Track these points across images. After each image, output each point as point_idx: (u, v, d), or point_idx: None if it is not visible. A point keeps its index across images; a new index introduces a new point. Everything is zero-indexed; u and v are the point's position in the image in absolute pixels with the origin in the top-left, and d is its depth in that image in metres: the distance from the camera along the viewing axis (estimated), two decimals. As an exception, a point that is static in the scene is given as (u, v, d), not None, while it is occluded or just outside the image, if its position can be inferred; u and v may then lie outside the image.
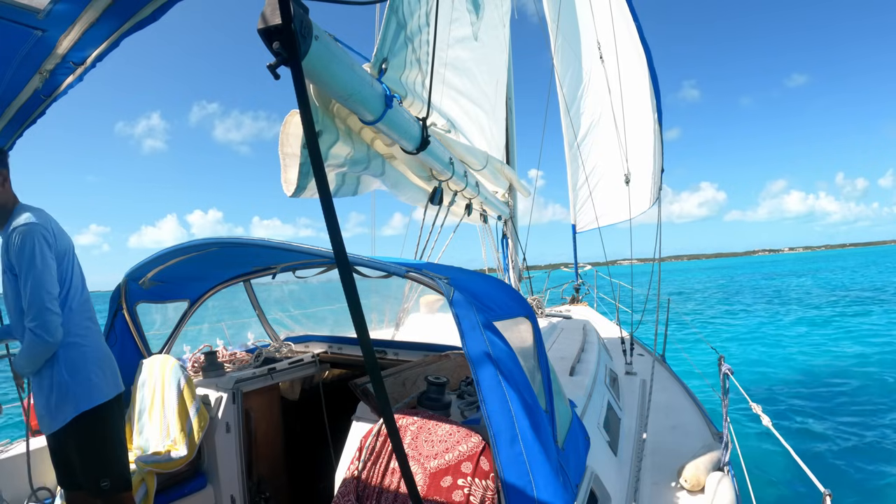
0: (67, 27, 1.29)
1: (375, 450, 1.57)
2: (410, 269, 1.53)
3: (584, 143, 8.78)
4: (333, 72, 1.69)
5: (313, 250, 1.82)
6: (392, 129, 2.26)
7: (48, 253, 1.78)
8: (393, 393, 2.00)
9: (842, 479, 5.34)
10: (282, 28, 0.90)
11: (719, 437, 2.67)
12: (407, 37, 2.35)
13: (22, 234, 1.74)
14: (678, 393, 3.91)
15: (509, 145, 6.08)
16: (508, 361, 1.28)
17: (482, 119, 4.30)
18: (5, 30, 1.25)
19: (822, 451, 6.08)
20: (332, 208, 0.73)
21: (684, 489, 2.31)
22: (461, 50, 3.60)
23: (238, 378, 2.66)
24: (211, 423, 2.47)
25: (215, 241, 2.12)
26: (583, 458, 1.81)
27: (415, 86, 2.58)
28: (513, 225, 6.42)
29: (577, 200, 9.46)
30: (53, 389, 1.81)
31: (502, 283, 1.89)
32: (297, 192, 2.07)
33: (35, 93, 1.60)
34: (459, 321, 1.29)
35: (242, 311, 3.91)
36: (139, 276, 2.63)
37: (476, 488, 1.38)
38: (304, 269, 2.85)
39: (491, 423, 1.21)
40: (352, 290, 0.74)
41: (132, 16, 1.25)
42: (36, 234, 1.76)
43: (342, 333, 3.52)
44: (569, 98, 8.42)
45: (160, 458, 2.28)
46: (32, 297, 1.72)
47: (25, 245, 1.73)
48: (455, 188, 3.70)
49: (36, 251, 1.74)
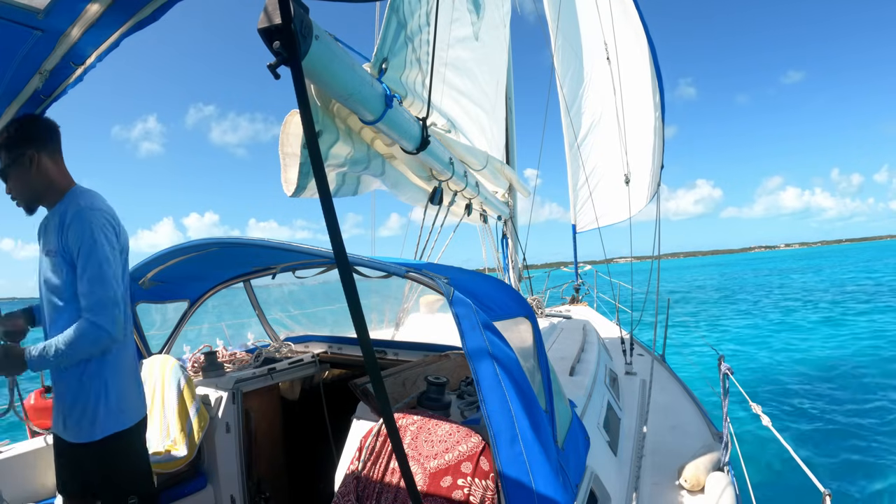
0: (67, 27, 1.29)
1: (375, 450, 1.57)
2: (410, 269, 1.53)
3: (585, 143, 8.78)
4: (333, 72, 1.69)
5: (313, 250, 1.82)
6: (392, 128, 2.26)
7: (115, 242, 1.65)
8: (393, 393, 2.00)
9: (842, 480, 5.34)
10: (282, 27, 0.90)
11: (719, 437, 2.67)
12: (407, 36, 2.35)
13: (89, 217, 1.58)
14: (678, 393, 3.91)
15: (509, 145, 6.08)
16: (508, 361, 1.28)
17: (482, 119, 4.30)
18: (5, 30, 1.25)
19: (822, 452, 6.08)
20: (332, 208, 0.73)
21: (684, 489, 2.31)
22: (462, 50, 3.60)
23: (238, 378, 2.66)
24: (211, 423, 2.46)
25: (215, 242, 2.12)
26: (583, 458, 1.81)
27: (415, 86, 2.58)
28: (513, 225, 6.43)
29: (577, 200, 9.46)
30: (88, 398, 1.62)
31: (502, 283, 1.89)
32: (297, 192, 2.07)
33: (35, 93, 1.60)
34: (459, 321, 1.29)
35: (242, 311, 3.91)
36: (139, 277, 2.63)
37: (476, 488, 1.38)
38: (303, 269, 2.85)
39: (491, 423, 1.20)
40: (352, 290, 0.74)
41: (132, 16, 1.25)
42: (104, 221, 1.62)
43: (342, 333, 3.52)
44: (569, 98, 8.42)
45: (160, 458, 2.28)
46: (99, 286, 1.56)
47: (94, 229, 1.58)
48: (455, 188, 3.70)
49: (104, 238, 1.59)
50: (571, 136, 8.69)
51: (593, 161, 8.86)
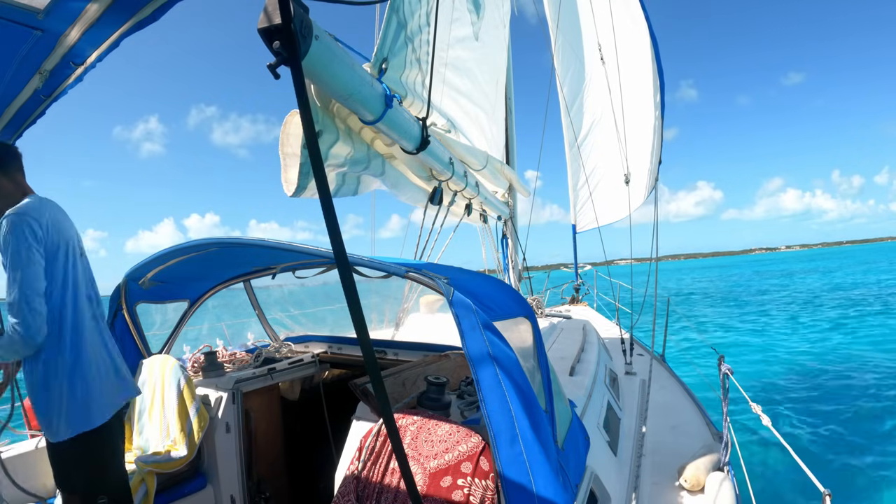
0: (67, 27, 1.29)
1: (375, 450, 1.57)
2: (410, 270, 1.53)
3: (585, 143, 8.78)
4: (333, 72, 1.69)
5: (313, 250, 1.82)
6: (392, 128, 2.26)
7: (32, 241, 1.63)
8: (393, 393, 2.00)
9: (842, 479, 5.34)
10: (282, 27, 0.90)
11: (719, 437, 2.67)
12: (407, 36, 2.35)
13: (6, 223, 1.61)
14: (678, 393, 3.91)
15: (509, 145, 6.09)
16: (508, 361, 1.28)
17: (482, 119, 4.30)
18: (5, 30, 1.25)
19: (822, 451, 6.08)
20: (332, 208, 0.73)
21: (684, 489, 2.31)
22: (462, 50, 3.60)
23: (238, 378, 2.66)
24: (211, 424, 2.46)
25: (215, 241, 2.12)
26: (583, 458, 1.81)
27: (415, 86, 2.58)
28: (512, 225, 6.43)
29: (577, 200, 9.46)
30: (49, 402, 1.68)
31: (502, 283, 1.89)
32: (297, 192, 2.07)
33: (35, 93, 1.60)
34: (459, 321, 1.29)
35: (242, 311, 3.91)
36: (139, 277, 2.63)
37: (476, 488, 1.38)
38: (303, 269, 2.85)
39: (491, 423, 1.21)
40: (352, 290, 0.74)
41: (132, 16, 1.25)
42: (21, 222, 1.62)
43: (342, 333, 3.52)
44: (569, 97, 8.42)
45: (160, 458, 2.28)
46: (10, 288, 1.59)
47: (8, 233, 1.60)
48: (455, 188, 3.70)
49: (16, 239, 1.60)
50: (571, 136, 8.69)
51: (593, 161, 8.86)
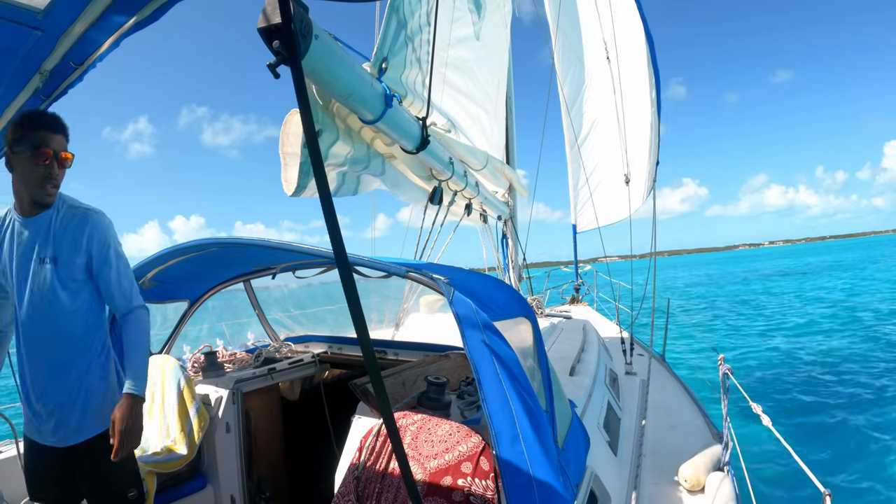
0: (67, 27, 1.29)
1: (375, 450, 1.57)
2: (410, 270, 1.53)
3: (585, 144, 8.78)
4: (333, 71, 1.69)
5: (313, 250, 1.82)
6: (392, 128, 2.26)
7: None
8: (393, 393, 2.00)
9: (842, 480, 5.34)
10: (282, 27, 0.90)
11: (719, 437, 2.67)
12: (407, 36, 2.35)
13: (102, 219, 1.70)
14: (678, 393, 3.91)
15: (509, 145, 6.09)
16: (508, 361, 1.28)
17: (483, 119, 4.30)
18: (5, 30, 1.25)
19: (822, 452, 6.07)
20: (332, 208, 0.73)
21: (684, 489, 2.31)
22: (462, 49, 3.60)
23: (238, 378, 2.66)
24: (211, 424, 2.46)
25: (215, 241, 2.12)
26: (583, 458, 1.81)
27: (415, 85, 2.57)
28: (512, 225, 6.43)
29: (577, 200, 9.46)
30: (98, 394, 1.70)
31: (502, 283, 1.89)
32: (297, 192, 2.08)
33: (35, 93, 1.60)
34: (459, 321, 1.29)
35: (242, 311, 3.91)
36: (139, 277, 2.63)
37: (476, 488, 1.38)
38: (303, 269, 2.85)
39: (492, 423, 1.21)
40: (352, 290, 0.74)
41: (132, 16, 1.25)
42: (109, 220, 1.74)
43: (342, 333, 3.52)
44: (570, 98, 8.42)
45: (160, 458, 2.28)
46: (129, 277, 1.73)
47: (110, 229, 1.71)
48: (455, 188, 3.70)
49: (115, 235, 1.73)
50: (572, 136, 8.68)
51: (594, 161, 8.86)
